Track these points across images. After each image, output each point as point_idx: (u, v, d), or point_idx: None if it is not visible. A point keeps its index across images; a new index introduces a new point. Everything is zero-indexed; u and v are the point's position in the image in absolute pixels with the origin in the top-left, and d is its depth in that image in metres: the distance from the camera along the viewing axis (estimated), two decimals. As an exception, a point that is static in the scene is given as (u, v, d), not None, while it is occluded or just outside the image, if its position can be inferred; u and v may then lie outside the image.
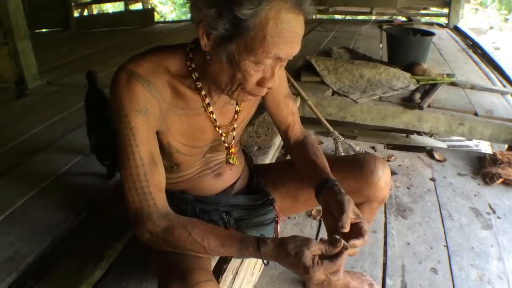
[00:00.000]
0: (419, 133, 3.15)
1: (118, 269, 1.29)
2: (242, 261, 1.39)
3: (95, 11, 8.53)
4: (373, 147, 2.68)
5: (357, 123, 2.83)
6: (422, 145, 2.76)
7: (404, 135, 3.13)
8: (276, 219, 1.24)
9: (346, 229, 0.91)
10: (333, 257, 0.86)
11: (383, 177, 1.18)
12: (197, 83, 0.97)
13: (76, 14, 6.88)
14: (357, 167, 1.20)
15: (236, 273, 1.38)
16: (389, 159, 2.52)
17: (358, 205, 1.23)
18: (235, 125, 1.12)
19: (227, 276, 1.33)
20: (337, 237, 0.89)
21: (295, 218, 1.97)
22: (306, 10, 0.85)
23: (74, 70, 3.73)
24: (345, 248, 0.88)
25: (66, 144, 2.24)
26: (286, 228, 1.91)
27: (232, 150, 1.14)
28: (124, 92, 0.88)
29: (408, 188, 2.20)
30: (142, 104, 0.89)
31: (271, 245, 0.88)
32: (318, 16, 6.54)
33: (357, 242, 0.91)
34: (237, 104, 1.10)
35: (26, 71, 3.15)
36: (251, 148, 2.03)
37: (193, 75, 0.97)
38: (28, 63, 3.17)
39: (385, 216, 1.96)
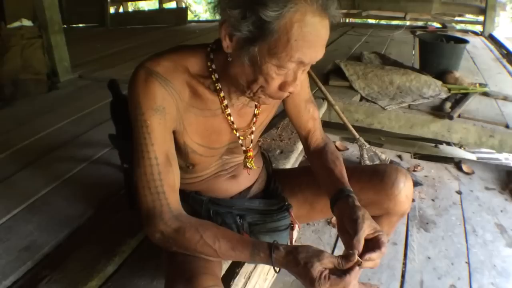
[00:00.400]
0: (448, 143, 3.05)
1: (131, 265, 1.30)
2: (255, 266, 1.38)
3: (130, 9, 8.71)
4: (399, 156, 2.62)
5: (384, 131, 2.76)
6: (451, 156, 2.68)
7: (433, 144, 3.04)
8: (292, 225, 1.21)
9: (357, 252, 0.87)
10: (342, 273, 0.82)
11: (404, 190, 1.13)
12: (216, 84, 0.96)
13: (112, 10, 7.05)
14: (377, 178, 1.16)
15: (249, 278, 1.36)
16: (416, 169, 2.45)
17: (376, 217, 1.19)
18: (253, 128, 1.10)
19: (239, 280, 1.31)
20: (351, 251, 0.86)
21: (314, 225, 1.94)
22: (332, 14, 0.83)
23: (106, 65, 3.81)
24: (358, 264, 0.84)
25: (91, 138, 2.28)
26: (304, 235, 1.88)
27: (250, 153, 1.12)
28: (142, 90, 0.88)
29: (433, 200, 2.13)
30: (159, 103, 0.89)
31: (283, 252, 0.86)
32: (351, 20, 6.45)
33: (373, 255, 0.88)
34: (256, 107, 1.08)
35: (58, 64, 3.23)
36: (273, 151, 2.01)
37: (213, 76, 0.95)
38: (61, 57, 3.24)
39: (407, 228, 1.90)
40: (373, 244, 0.90)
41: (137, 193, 0.93)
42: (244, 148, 1.11)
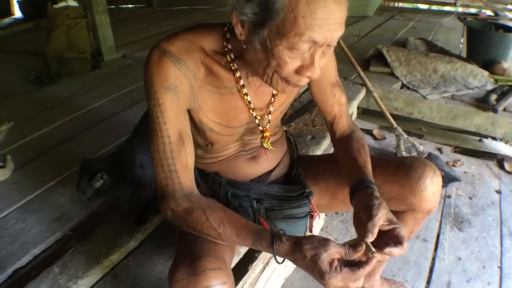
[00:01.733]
0: (494, 137, 2.88)
1: (152, 242, 1.33)
2: (274, 251, 1.37)
3: (178, -11, 8.75)
4: (439, 149, 2.51)
5: (425, 121, 2.65)
6: (494, 152, 2.53)
7: (477, 138, 2.88)
8: (311, 213, 1.19)
9: (370, 238, 0.83)
10: (355, 266, 0.78)
11: (431, 186, 1.07)
12: (232, 64, 0.95)
13: (159, -9, 7.10)
14: (403, 171, 1.10)
15: (267, 264, 1.36)
16: (455, 164, 2.34)
17: (401, 213, 1.15)
18: (271, 109, 1.07)
19: (257, 265, 1.31)
20: (361, 241, 0.81)
21: (343, 215, 1.90)
22: None
23: (150, 45, 3.81)
24: (371, 253, 0.79)
25: (128, 116, 2.34)
26: (331, 224, 1.85)
27: (267, 134, 1.10)
28: (155, 69, 0.88)
29: (470, 198, 2.03)
30: (171, 82, 0.88)
31: (286, 244, 0.82)
32: (400, 4, 6.20)
33: (394, 250, 0.82)
34: None
35: (103, 44, 3.31)
36: (304, 137, 1.97)
37: (228, 56, 0.94)
38: (105, 37, 3.32)
39: (440, 225, 1.82)
40: (389, 237, 0.85)
41: (154, 171, 0.94)
42: (260, 128, 1.09)
